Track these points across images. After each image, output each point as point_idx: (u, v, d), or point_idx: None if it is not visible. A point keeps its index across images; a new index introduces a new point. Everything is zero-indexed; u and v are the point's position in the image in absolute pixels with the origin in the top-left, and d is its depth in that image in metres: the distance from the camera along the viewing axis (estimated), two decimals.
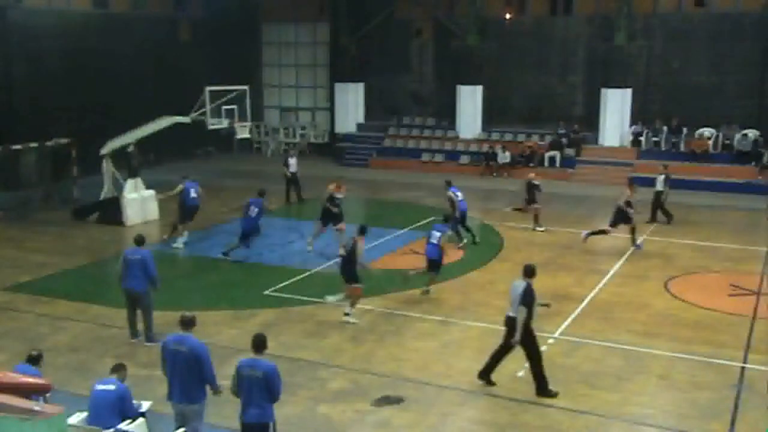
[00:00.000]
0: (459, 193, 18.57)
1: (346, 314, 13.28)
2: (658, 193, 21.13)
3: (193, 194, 18.65)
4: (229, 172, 29.92)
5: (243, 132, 21.64)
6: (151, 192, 21.51)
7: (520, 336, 10.29)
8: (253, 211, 17.15)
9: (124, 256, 12.45)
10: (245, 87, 21.15)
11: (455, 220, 17.98)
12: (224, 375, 10.33)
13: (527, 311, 10.22)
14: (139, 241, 12.49)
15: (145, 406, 8.46)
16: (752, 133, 26.87)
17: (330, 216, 17.99)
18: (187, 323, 8.51)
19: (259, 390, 7.80)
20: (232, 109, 20.78)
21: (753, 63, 27.69)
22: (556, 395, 10.40)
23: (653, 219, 21.08)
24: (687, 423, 9.77)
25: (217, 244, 18.67)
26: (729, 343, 12.35)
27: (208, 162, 32.14)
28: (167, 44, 31.19)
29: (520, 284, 10.41)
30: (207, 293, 15.17)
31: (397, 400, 10.33)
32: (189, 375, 8.30)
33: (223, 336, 12.61)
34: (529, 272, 10.49)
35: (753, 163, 26.35)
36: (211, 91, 20.21)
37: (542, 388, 10.45)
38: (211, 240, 19.29)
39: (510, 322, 10.47)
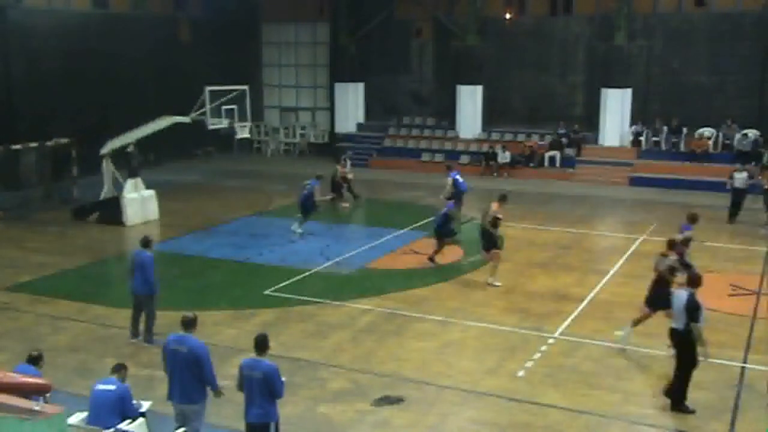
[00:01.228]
0: (459, 177, 20.26)
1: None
2: (738, 191, 20.99)
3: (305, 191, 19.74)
4: (229, 172, 29.95)
5: (243, 132, 21.64)
6: (151, 192, 21.49)
7: (683, 346, 9.78)
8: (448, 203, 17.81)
9: (132, 256, 12.58)
10: (245, 87, 21.16)
11: (455, 201, 19.12)
12: (225, 375, 10.35)
13: (699, 324, 9.66)
14: (145, 243, 12.44)
15: (146, 406, 8.46)
16: (752, 133, 26.86)
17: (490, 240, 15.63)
18: (188, 324, 8.50)
19: (260, 390, 7.82)
20: (232, 109, 20.77)
21: (753, 63, 27.68)
22: (692, 412, 9.87)
23: (732, 220, 20.92)
24: (686, 423, 9.78)
25: (217, 245, 18.70)
26: (729, 343, 12.34)
27: (209, 162, 32.17)
28: (167, 44, 31.18)
29: (683, 294, 9.92)
30: (207, 293, 15.16)
31: (397, 400, 10.33)
32: (189, 375, 8.30)
33: (223, 336, 12.62)
34: (694, 282, 9.98)
35: (753, 163, 26.31)
36: (211, 91, 20.21)
37: (678, 401, 9.96)
38: (211, 240, 19.30)
39: (675, 336, 10.01)
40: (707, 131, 27.61)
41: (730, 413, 9.99)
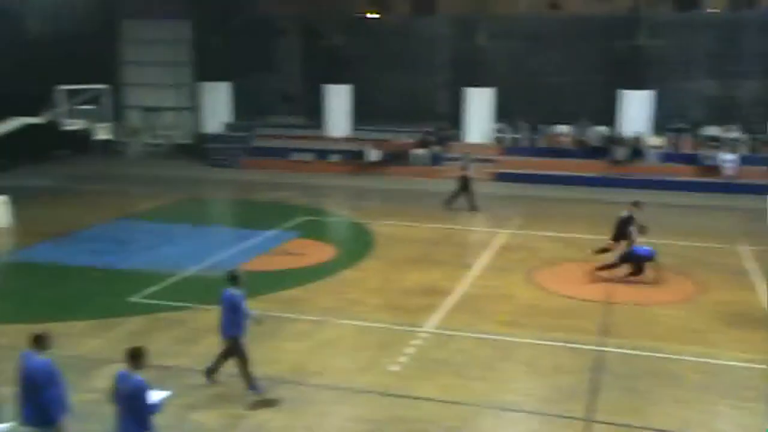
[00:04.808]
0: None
1: None
2: None
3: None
4: (88, 175, 28.49)
5: (103, 133, 20.70)
6: (2, 197, 20.07)
7: None
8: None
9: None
10: (104, 86, 20.24)
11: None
12: (89, 388, 9.88)
13: None
14: (230, 278, 10.73)
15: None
16: (603, 130, 28.72)
17: None
18: (34, 341, 7.65)
19: (128, 405, 7.45)
20: (90, 109, 19.83)
21: (599, 65, 29.37)
22: None
23: None
24: (550, 406, 10.28)
25: (77, 251, 17.75)
26: (587, 328, 13.10)
27: (65, 165, 30.45)
28: (13, 39, 29.13)
29: None
30: (67, 303, 14.37)
31: (272, 403, 10.23)
32: (25, 397, 7.57)
33: (88, 347, 12.00)
34: None
35: (604, 158, 28.12)
36: (66, 90, 19.19)
37: None
38: (70, 247, 18.29)
39: None
40: (563, 128, 29.22)
41: (588, 394, 10.58)
